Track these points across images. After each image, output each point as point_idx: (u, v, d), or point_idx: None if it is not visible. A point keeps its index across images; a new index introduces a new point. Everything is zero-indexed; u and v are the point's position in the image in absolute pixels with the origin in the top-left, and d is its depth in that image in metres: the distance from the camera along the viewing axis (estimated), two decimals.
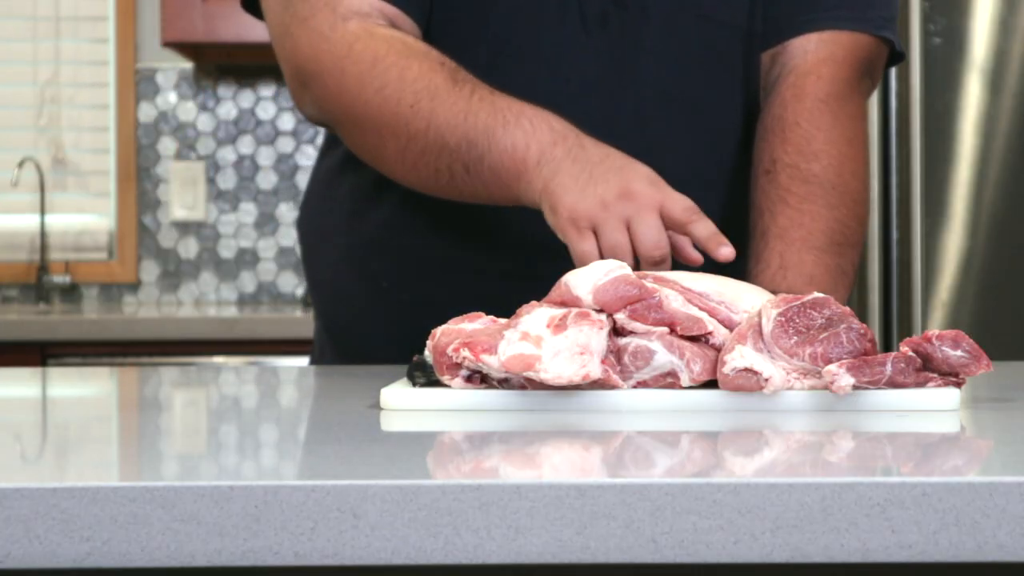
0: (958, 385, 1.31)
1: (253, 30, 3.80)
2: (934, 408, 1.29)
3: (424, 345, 1.38)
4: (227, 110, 4.32)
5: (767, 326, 1.30)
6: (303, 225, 1.95)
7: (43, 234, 4.28)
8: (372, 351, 1.84)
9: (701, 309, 1.35)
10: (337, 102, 1.72)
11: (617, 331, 1.34)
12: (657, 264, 1.53)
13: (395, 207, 1.83)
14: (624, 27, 1.77)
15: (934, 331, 1.31)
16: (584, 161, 1.57)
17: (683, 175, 1.81)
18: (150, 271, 4.32)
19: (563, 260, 1.57)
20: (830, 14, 1.82)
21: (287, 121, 4.33)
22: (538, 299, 1.39)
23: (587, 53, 1.77)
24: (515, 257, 1.78)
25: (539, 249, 1.76)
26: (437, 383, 1.35)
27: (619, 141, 1.74)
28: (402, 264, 1.82)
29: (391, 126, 1.68)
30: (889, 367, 1.28)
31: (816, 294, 1.33)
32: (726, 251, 1.55)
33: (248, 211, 4.34)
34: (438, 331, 1.36)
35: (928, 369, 1.30)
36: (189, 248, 4.33)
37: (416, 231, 1.82)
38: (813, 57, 1.81)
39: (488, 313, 1.40)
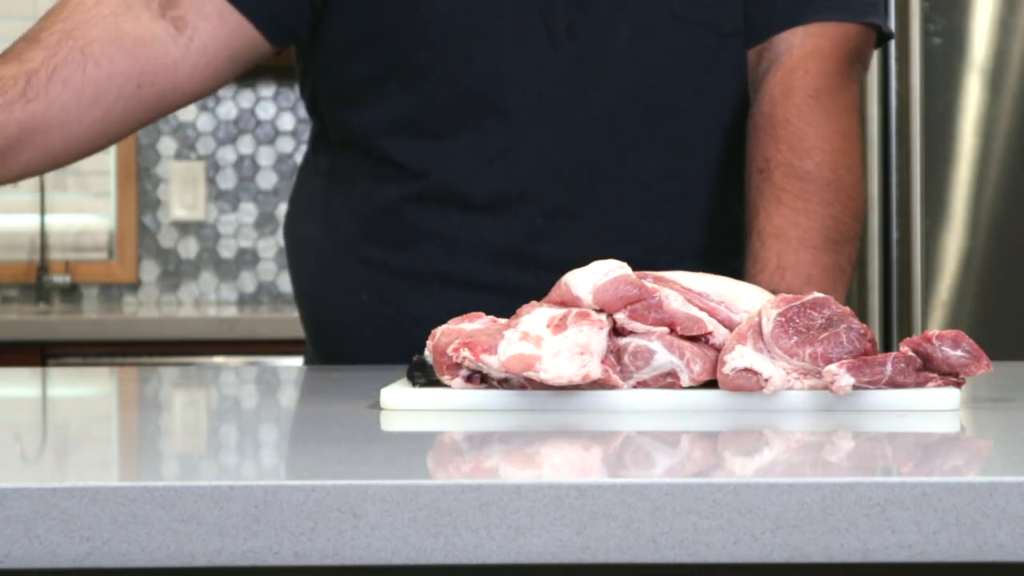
0: (958, 385, 1.30)
1: None
2: (934, 408, 1.29)
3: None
4: (227, 110, 4.32)
5: (767, 326, 1.30)
6: (286, 235, 1.93)
7: (43, 234, 4.28)
8: (355, 363, 1.83)
9: (701, 309, 1.35)
10: None
11: (617, 331, 1.34)
12: None
13: (369, 220, 1.81)
14: (592, 35, 1.75)
15: (934, 331, 1.31)
16: None
17: (659, 179, 1.79)
18: (150, 271, 4.32)
19: (539, 271, 1.57)
20: (814, 6, 1.79)
21: (287, 121, 4.33)
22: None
23: (556, 67, 1.75)
24: (491, 269, 1.77)
25: (515, 260, 1.76)
26: (437, 383, 1.35)
27: (592, 147, 1.73)
28: (380, 277, 1.81)
29: None
30: (889, 367, 1.28)
31: (816, 294, 1.33)
32: None
33: (248, 211, 4.34)
34: (438, 331, 1.36)
35: (928, 369, 1.30)
36: (189, 248, 4.32)
37: (391, 244, 1.80)
38: (799, 52, 1.78)
39: None
